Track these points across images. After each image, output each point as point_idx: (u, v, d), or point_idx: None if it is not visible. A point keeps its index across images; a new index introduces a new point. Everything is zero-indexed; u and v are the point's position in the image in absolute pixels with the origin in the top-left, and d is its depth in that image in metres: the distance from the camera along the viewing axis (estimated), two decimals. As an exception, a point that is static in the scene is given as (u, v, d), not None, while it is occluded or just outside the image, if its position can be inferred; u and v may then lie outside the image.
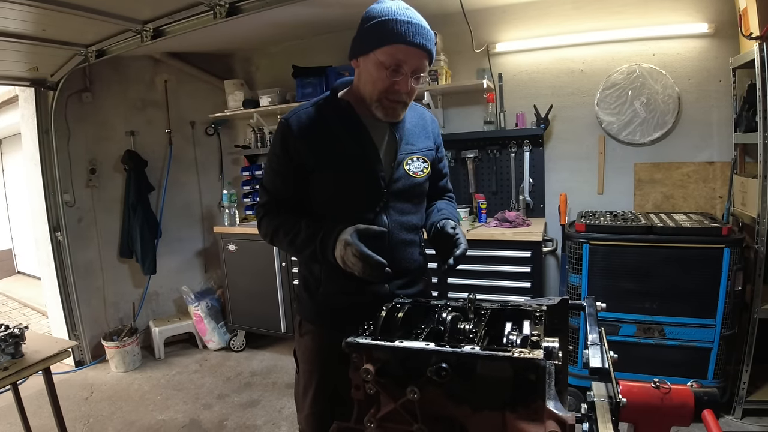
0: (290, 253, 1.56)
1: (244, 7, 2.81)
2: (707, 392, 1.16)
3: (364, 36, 1.44)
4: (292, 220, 1.54)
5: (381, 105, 1.48)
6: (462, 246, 1.49)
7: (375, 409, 1.10)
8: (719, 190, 3.28)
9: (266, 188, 1.63)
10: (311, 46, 4.35)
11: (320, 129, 1.52)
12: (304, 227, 1.50)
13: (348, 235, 1.39)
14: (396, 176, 1.57)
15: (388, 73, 1.41)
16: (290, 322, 4.04)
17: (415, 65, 1.43)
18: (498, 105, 3.75)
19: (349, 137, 1.53)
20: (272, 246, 1.74)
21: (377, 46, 1.41)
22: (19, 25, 2.86)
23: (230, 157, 4.98)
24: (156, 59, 4.52)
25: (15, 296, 7.08)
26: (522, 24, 3.62)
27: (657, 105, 3.32)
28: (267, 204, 1.62)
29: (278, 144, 1.55)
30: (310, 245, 1.48)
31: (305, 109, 1.55)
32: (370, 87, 1.47)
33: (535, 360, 0.95)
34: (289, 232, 1.53)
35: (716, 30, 3.14)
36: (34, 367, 2.36)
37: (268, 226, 1.59)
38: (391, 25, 1.38)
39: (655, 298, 2.82)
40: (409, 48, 1.39)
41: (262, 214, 1.63)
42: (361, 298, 1.49)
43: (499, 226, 3.39)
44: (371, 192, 1.54)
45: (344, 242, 1.38)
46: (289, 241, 1.53)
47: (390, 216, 1.56)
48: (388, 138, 1.59)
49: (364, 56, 1.46)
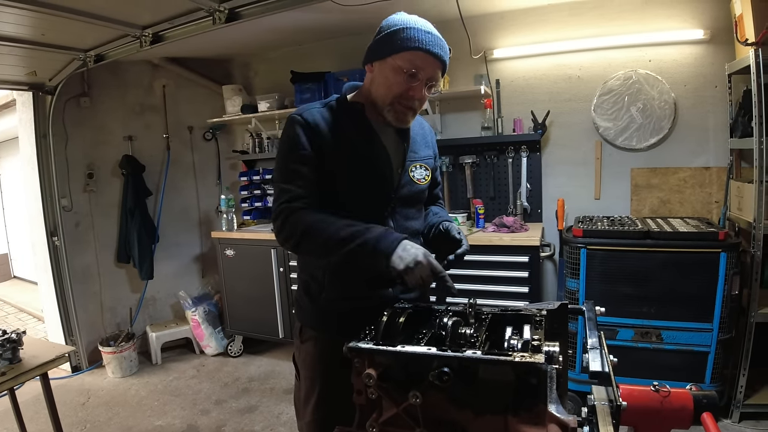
0: (323, 250, 1.44)
1: (243, 13, 2.81)
2: (706, 395, 1.17)
3: (383, 41, 1.47)
4: (333, 215, 1.45)
5: (393, 109, 1.49)
6: (464, 246, 1.56)
7: (377, 413, 1.10)
8: (715, 195, 3.30)
9: (287, 188, 1.48)
10: (310, 51, 4.37)
11: (333, 129, 1.51)
12: (352, 221, 1.42)
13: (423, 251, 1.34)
14: (402, 182, 1.59)
15: (405, 78, 1.44)
16: (288, 328, 4.03)
17: (430, 74, 1.46)
18: (495, 111, 3.77)
19: (362, 140, 1.54)
20: (291, 251, 1.52)
21: (397, 51, 1.44)
22: (18, 30, 2.86)
23: (228, 162, 4.97)
24: (154, 64, 4.52)
25: (11, 301, 7.05)
26: (519, 30, 3.64)
27: (653, 111, 3.34)
28: (294, 200, 1.46)
29: (297, 136, 1.49)
30: (363, 234, 1.36)
31: (316, 108, 1.55)
32: (384, 90, 1.49)
33: (536, 364, 0.95)
34: (334, 222, 1.41)
35: (712, 36, 3.17)
36: (31, 373, 2.35)
37: (299, 224, 1.43)
38: (412, 33, 1.42)
39: (652, 302, 2.83)
40: (428, 56, 1.43)
41: (288, 213, 1.45)
42: (364, 303, 1.49)
43: (496, 232, 3.40)
44: (381, 196, 1.56)
45: (424, 252, 1.33)
46: (333, 232, 1.39)
47: (396, 221, 1.58)
48: (396, 144, 1.62)
49: (381, 61, 1.48)
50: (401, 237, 1.36)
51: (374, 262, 1.35)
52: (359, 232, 1.37)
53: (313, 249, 1.47)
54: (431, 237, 1.72)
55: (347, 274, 1.47)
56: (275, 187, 1.53)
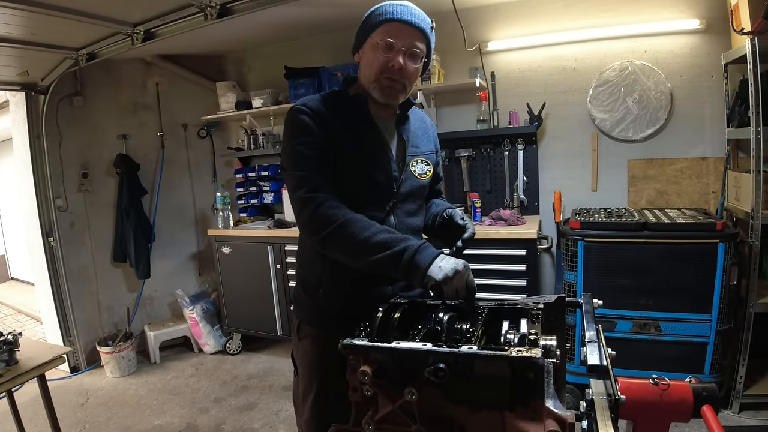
0: (354, 250, 1.37)
1: (235, 8, 2.79)
2: (706, 388, 1.16)
3: (361, 28, 1.51)
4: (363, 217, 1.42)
5: (379, 85, 1.48)
6: (470, 230, 1.56)
7: (373, 411, 1.10)
8: (713, 185, 3.29)
9: (305, 176, 1.43)
10: (303, 46, 4.34)
11: (334, 120, 1.49)
12: (387, 227, 1.41)
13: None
14: (403, 177, 1.58)
15: (381, 50, 1.44)
16: (286, 324, 4.02)
17: (407, 42, 1.45)
18: (491, 103, 3.75)
19: (363, 134, 1.52)
20: (317, 243, 1.44)
21: (372, 29, 1.46)
22: (8, 29, 2.83)
23: (223, 159, 4.96)
24: (147, 62, 4.49)
25: (9, 302, 7.04)
26: (514, 22, 3.62)
27: (649, 101, 3.33)
28: (317, 189, 1.41)
29: (305, 123, 1.45)
30: (402, 242, 1.33)
31: (315, 100, 1.52)
32: (367, 71, 1.49)
33: (533, 359, 0.95)
34: (371, 226, 1.37)
35: (707, 26, 3.16)
36: (28, 374, 2.34)
37: (332, 218, 1.37)
38: (383, 8, 1.46)
39: (650, 294, 2.82)
40: (401, 25, 1.43)
41: (317, 203, 1.39)
42: (362, 299, 1.47)
43: (494, 225, 3.39)
44: (383, 191, 1.54)
45: (464, 263, 1.29)
46: (368, 235, 1.34)
47: (397, 217, 1.57)
48: (397, 139, 1.61)
49: (362, 47, 1.51)
50: (439, 250, 1.33)
51: (407, 272, 1.30)
52: (397, 239, 1.34)
53: (342, 247, 1.39)
54: (436, 226, 1.71)
55: (345, 271, 1.46)
56: (289, 176, 1.48)
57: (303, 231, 1.49)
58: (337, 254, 1.43)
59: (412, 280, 1.30)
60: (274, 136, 4.45)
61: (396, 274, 1.33)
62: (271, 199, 4.41)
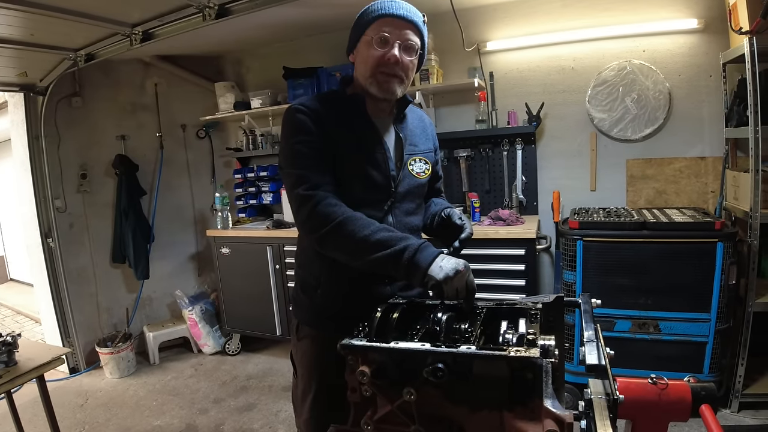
0: (353, 248, 1.36)
1: (233, 9, 2.79)
2: (705, 387, 1.16)
3: (354, 27, 1.51)
4: (362, 215, 1.41)
5: (375, 80, 1.48)
6: (467, 230, 1.56)
7: (372, 411, 1.09)
8: (711, 184, 3.30)
9: (303, 174, 1.42)
10: (302, 47, 4.34)
11: (331, 120, 1.49)
12: (387, 226, 1.41)
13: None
14: (401, 176, 1.57)
15: (376, 45, 1.45)
16: (285, 325, 4.02)
17: (401, 36, 1.46)
18: (489, 103, 3.75)
19: (361, 133, 1.52)
20: (315, 242, 1.43)
21: (365, 27, 1.47)
22: (6, 30, 2.83)
23: (222, 159, 4.95)
24: (146, 62, 4.49)
25: (8, 303, 7.03)
26: (512, 22, 3.62)
27: (648, 101, 3.33)
28: (317, 187, 1.40)
29: (303, 122, 1.45)
30: (402, 241, 1.32)
31: (313, 100, 1.53)
32: (363, 68, 1.50)
33: (532, 358, 0.95)
34: (370, 224, 1.37)
35: (706, 25, 3.16)
36: (27, 375, 2.33)
37: (331, 216, 1.37)
38: (375, 6, 1.47)
39: (649, 293, 2.82)
40: (393, 19, 1.44)
41: (316, 201, 1.38)
42: (361, 300, 1.47)
43: (492, 225, 3.39)
44: (381, 190, 1.54)
45: (464, 263, 1.28)
46: (368, 233, 1.34)
47: (396, 216, 1.56)
48: (395, 138, 1.61)
49: (356, 46, 1.52)
50: (439, 250, 1.33)
51: (407, 271, 1.29)
52: (397, 238, 1.33)
53: (340, 245, 1.38)
54: (434, 226, 1.71)
55: (343, 271, 1.46)
56: (287, 174, 1.47)
57: (301, 229, 1.49)
58: (335, 253, 1.42)
59: (412, 280, 1.30)
60: (272, 137, 4.45)
61: (396, 273, 1.33)
62: (270, 199, 4.41)
